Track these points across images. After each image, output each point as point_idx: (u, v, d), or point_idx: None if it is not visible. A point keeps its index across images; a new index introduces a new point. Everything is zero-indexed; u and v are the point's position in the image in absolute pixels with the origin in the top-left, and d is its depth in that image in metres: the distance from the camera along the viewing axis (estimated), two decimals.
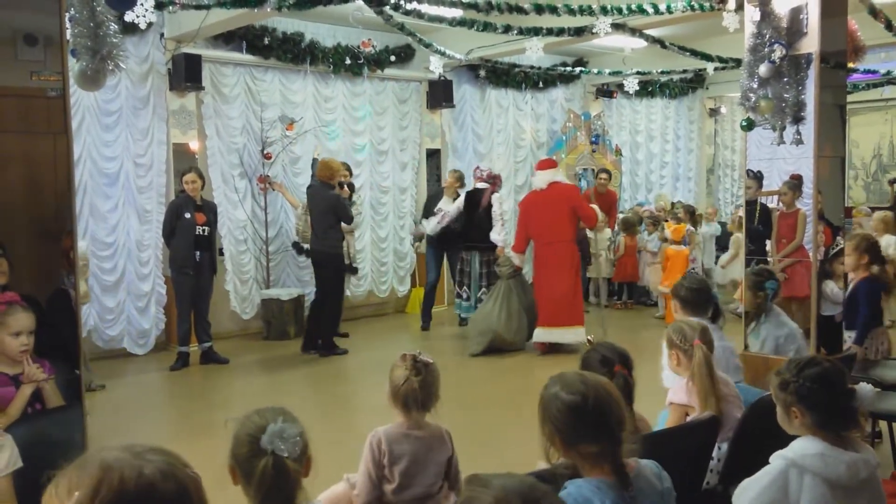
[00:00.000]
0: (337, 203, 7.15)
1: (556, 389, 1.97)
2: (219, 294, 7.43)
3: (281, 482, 1.82)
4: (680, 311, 3.74)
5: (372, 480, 2.62)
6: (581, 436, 1.92)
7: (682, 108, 12.75)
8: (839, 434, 2.22)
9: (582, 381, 1.97)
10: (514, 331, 7.17)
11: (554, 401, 1.96)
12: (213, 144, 7.75)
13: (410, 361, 2.67)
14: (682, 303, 3.72)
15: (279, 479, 1.81)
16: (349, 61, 8.50)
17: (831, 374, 2.25)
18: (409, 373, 2.65)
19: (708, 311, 3.74)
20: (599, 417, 1.92)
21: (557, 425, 1.94)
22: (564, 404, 1.93)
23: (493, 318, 7.10)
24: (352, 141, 8.84)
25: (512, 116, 10.46)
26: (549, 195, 7.13)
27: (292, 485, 1.84)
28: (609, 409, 1.93)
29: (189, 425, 5.36)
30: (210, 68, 7.65)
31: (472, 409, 5.48)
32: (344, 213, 7.24)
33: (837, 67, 4.35)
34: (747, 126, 4.33)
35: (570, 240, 7.14)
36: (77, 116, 6.75)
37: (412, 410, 2.67)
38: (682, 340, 3.02)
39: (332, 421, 5.50)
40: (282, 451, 1.81)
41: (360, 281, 8.89)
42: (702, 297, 3.70)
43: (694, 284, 3.74)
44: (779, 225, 4.74)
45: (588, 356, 2.72)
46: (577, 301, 7.21)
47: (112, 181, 7.16)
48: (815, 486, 2.14)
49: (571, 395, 1.94)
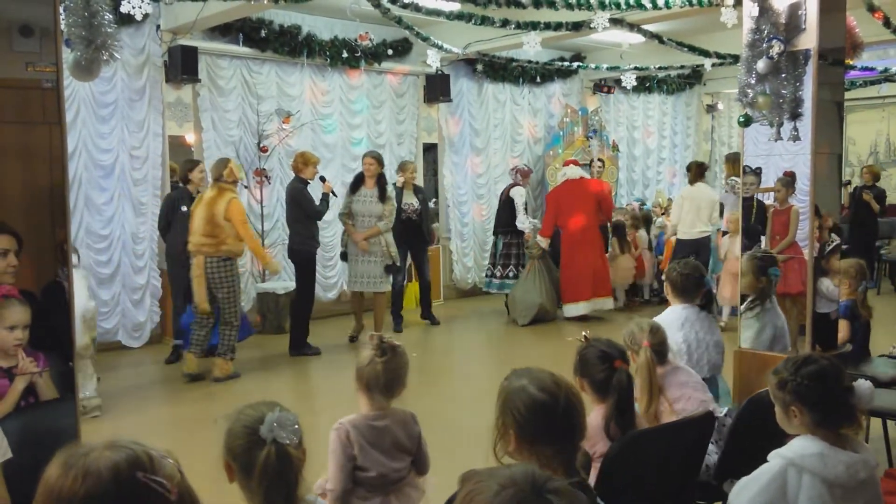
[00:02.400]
0: (299, 195, 6.87)
1: (524, 383, 1.94)
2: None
3: (284, 471, 1.79)
4: (671, 294, 3.77)
5: (345, 472, 2.54)
6: (542, 435, 1.89)
7: (679, 104, 12.75)
8: (839, 433, 2.21)
9: (555, 382, 1.94)
10: (552, 301, 8.44)
11: (520, 394, 1.92)
12: (209, 137, 7.73)
13: (376, 342, 2.60)
14: (672, 287, 3.76)
15: (283, 468, 1.78)
16: (346, 54, 8.48)
17: (829, 372, 2.24)
18: (374, 353, 2.58)
19: (697, 297, 3.76)
20: (567, 421, 1.89)
21: (518, 419, 1.90)
22: (532, 400, 1.90)
23: (536, 294, 8.31)
24: (349, 135, 8.82)
25: (509, 111, 10.45)
26: (580, 187, 8.43)
27: (295, 473, 1.81)
28: (576, 415, 1.91)
29: (183, 418, 5.35)
30: (206, 60, 7.62)
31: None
32: (308, 206, 6.87)
33: (835, 64, 4.35)
34: (745, 122, 4.32)
35: (597, 225, 8.41)
36: (72, 108, 6.73)
37: (374, 394, 2.59)
38: (633, 342, 3.08)
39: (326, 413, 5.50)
40: (283, 438, 1.78)
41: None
42: (691, 283, 3.72)
43: (686, 270, 3.75)
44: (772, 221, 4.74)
45: (586, 352, 2.71)
46: (606, 275, 8.45)
47: (107, 173, 7.14)
48: (813, 486, 2.13)
49: (542, 393, 1.90)
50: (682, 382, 3.09)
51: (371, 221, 7.12)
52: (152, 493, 1.19)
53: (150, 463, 1.21)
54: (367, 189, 7.16)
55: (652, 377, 3.00)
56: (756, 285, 4.29)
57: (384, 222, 7.14)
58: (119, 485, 1.18)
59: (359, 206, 7.17)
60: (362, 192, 7.17)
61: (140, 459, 1.21)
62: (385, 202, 7.15)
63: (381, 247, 7.13)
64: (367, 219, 7.13)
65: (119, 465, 1.19)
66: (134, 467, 1.20)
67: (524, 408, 1.89)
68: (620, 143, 11.54)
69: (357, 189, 7.21)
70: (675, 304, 3.75)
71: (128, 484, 1.18)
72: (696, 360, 3.56)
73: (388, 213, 7.16)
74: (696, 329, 3.63)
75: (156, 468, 1.21)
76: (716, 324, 3.76)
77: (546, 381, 1.93)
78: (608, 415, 2.58)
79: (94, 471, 1.18)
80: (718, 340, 3.70)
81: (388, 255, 7.16)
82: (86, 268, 6.51)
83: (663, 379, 3.07)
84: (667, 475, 2.76)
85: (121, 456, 1.20)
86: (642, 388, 2.96)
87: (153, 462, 1.22)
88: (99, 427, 5.04)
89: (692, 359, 3.55)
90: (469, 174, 10.04)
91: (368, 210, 7.14)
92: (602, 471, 2.44)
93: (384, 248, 7.14)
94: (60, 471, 1.20)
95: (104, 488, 1.17)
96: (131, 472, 1.19)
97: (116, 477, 1.18)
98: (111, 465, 1.19)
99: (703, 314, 3.71)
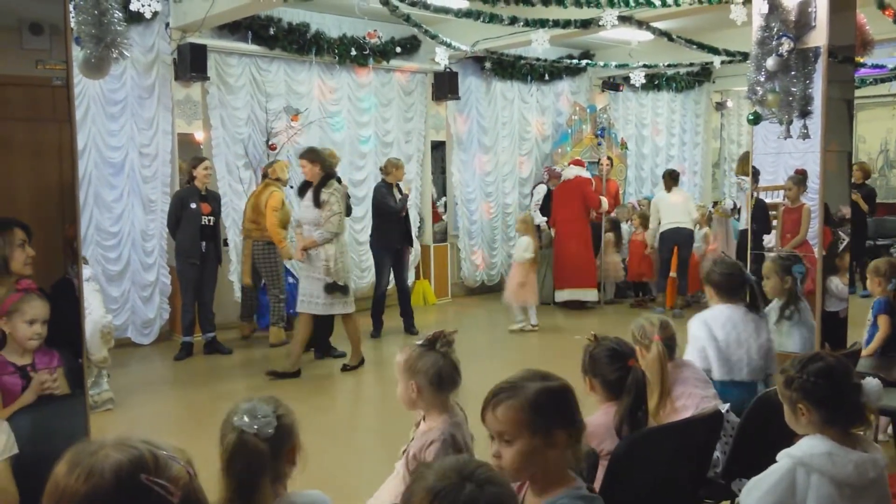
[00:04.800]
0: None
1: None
2: (223, 285, 7.44)
3: (242, 459, 1.79)
4: (715, 297, 3.60)
5: None
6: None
7: (688, 102, 12.70)
8: (847, 432, 2.20)
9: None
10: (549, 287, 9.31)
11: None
12: (217, 135, 7.75)
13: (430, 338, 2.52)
14: (716, 289, 3.58)
15: (240, 456, 1.79)
16: (355, 52, 8.49)
17: (836, 369, 2.22)
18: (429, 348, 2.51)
19: (742, 296, 3.60)
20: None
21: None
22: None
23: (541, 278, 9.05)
24: (357, 133, 8.82)
25: (517, 109, 10.43)
26: (572, 185, 9.13)
27: (257, 465, 1.80)
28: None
29: (192, 415, 5.38)
30: (215, 58, 7.64)
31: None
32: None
33: (845, 62, 4.33)
34: (754, 120, 4.31)
35: (583, 219, 9.03)
36: (82, 106, 6.76)
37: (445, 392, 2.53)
38: (643, 336, 3.04)
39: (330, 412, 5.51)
40: (248, 426, 1.80)
41: (363, 273, 8.88)
42: (735, 282, 3.57)
43: (727, 269, 3.59)
44: (783, 220, 4.71)
45: (596, 353, 2.66)
46: (592, 268, 9.06)
47: (117, 171, 7.17)
48: (821, 486, 2.12)
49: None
50: (685, 379, 3.07)
51: (311, 231, 6.15)
52: (153, 495, 1.19)
53: (154, 464, 1.21)
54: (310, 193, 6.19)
55: (664, 372, 2.98)
56: (782, 286, 4.16)
57: (319, 231, 6.06)
58: (120, 485, 1.17)
59: (302, 212, 6.29)
60: (307, 197, 6.20)
61: (144, 460, 1.21)
62: (322, 207, 6.05)
63: (321, 261, 6.07)
64: (308, 227, 6.18)
65: (122, 465, 1.19)
66: (137, 468, 1.19)
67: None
68: (629, 141, 11.50)
69: (304, 193, 6.27)
70: (719, 304, 3.58)
71: (129, 485, 1.18)
72: (736, 362, 3.43)
73: (326, 221, 6.04)
74: (739, 330, 3.46)
75: (161, 469, 1.21)
76: (766, 326, 3.58)
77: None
78: (622, 414, 2.57)
79: (97, 471, 1.18)
80: (764, 344, 3.49)
81: (328, 272, 6.06)
82: (96, 279, 6.48)
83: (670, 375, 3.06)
84: (675, 474, 2.76)
85: (125, 456, 1.20)
86: (654, 383, 2.93)
87: (158, 463, 1.21)
88: (112, 422, 5.07)
89: (730, 361, 3.42)
90: (477, 172, 10.03)
91: (307, 217, 6.19)
92: (609, 469, 2.44)
93: (324, 262, 6.06)
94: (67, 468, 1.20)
95: (105, 488, 1.17)
96: (134, 473, 1.19)
97: (118, 477, 1.18)
98: (115, 466, 1.19)
99: (751, 315, 3.54)
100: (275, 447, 1.84)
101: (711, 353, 3.44)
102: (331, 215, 6.05)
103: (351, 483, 3.99)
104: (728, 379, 3.41)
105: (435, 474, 1.39)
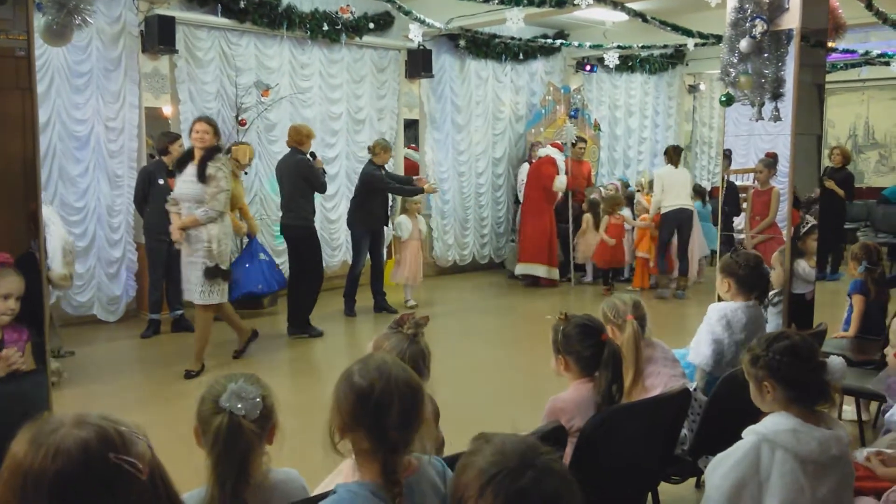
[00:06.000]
0: (307, 168, 6.67)
1: (354, 369, 1.75)
2: None
3: (234, 442, 1.79)
4: (734, 289, 3.57)
5: None
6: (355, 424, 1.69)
7: (661, 84, 12.74)
8: (812, 410, 2.23)
9: (378, 369, 1.72)
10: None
11: (344, 382, 1.74)
12: (186, 109, 7.60)
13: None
14: (739, 282, 3.55)
15: (232, 439, 1.78)
16: (327, 27, 8.36)
17: (801, 347, 2.26)
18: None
19: (758, 291, 3.62)
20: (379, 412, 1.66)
21: (339, 406, 1.72)
22: (350, 388, 1.71)
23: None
24: (328, 109, 8.72)
25: (491, 88, 10.38)
26: (536, 165, 9.41)
27: (247, 446, 1.81)
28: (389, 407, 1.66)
29: (158, 392, 5.31)
30: (184, 31, 7.48)
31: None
32: (315, 180, 6.72)
33: (817, 46, 4.35)
34: (726, 101, 4.32)
35: (541, 199, 9.22)
36: (46, 77, 6.59)
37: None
38: (616, 315, 3.06)
39: (301, 389, 5.48)
40: (238, 409, 1.80)
41: (334, 252, 8.83)
42: (756, 276, 3.58)
43: (751, 262, 3.58)
44: (753, 202, 4.76)
45: (567, 330, 2.68)
46: (546, 245, 9.20)
47: (82, 145, 7.01)
48: (785, 462, 2.15)
49: (361, 380, 1.70)
50: (654, 358, 3.10)
51: (192, 209, 5.46)
52: (123, 473, 1.17)
53: (120, 441, 1.19)
54: (193, 166, 5.48)
55: (639, 351, 2.99)
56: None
57: (203, 210, 5.39)
58: (89, 464, 1.16)
59: (181, 188, 5.53)
60: (188, 171, 5.51)
61: (111, 438, 1.19)
62: (207, 183, 5.39)
63: (203, 243, 5.44)
64: (188, 205, 5.48)
65: (90, 443, 1.17)
66: (105, 446, 1.18)
67: (343, 396, 1.72)
68: (602, 123, 11.52)
69: (184, 166, 5.57)
70: (737, 300, 3.54)
71: (99, 464, 1.16)
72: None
73: (211, 198, 5.39)
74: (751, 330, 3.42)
75: (127, 446, 1.20)
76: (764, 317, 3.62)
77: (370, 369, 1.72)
78: (603, 389, 2.58)
79: (64, 449, 1.16)
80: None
81: (210, 255, 5.44)
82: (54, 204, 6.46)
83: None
84: (643, 451, 2.78)
85: (91, 434, 1.18)
86: (629, 361, 2.95)
87: (124, 440, 1.20)
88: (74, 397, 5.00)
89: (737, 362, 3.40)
90: (450, 151, 9.99)
91: (187, 193, 5.47)
92: (578, 446, 2.45)
93: (206, 244, 5.43)
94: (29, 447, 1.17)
95: (75, 468, 1.15)
96: (102, 451, 1.17)
97: (87, 456, 1.16)
98: (81, 444, 1.16)
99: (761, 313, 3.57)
100: (260, 427, 1.85)
101: (727, 350, 3.43)
102: (218, 192, 5.41)
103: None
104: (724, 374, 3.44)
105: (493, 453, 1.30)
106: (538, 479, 1.24)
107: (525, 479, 1.24)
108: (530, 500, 1.24)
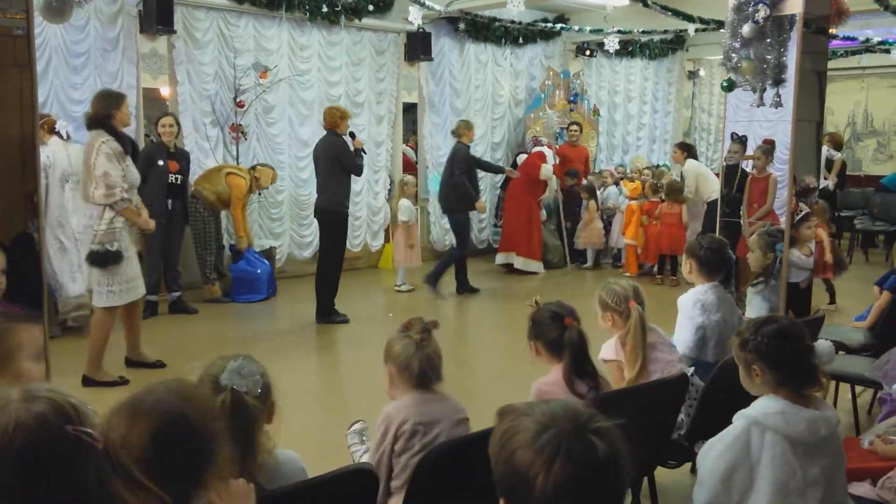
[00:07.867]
0: (339, 149, 6.44)
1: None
2: (189, 244, 7.32)
3: (239, 418, 1.80)
4: (696, 272, 3.60)
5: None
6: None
7: (661, 70, 12.69)
8: (800, 392, 2.25)
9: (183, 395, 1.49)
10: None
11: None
12: (184, 90, 7.57)
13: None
14: (700, 264, 3.57)
15: (237, 415, 1.80)
16: (326, 9, 8.31)
17: (789, 331, 2.28)
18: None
19: (722, 274, 3.64)
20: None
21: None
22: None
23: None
24: (327, 92, 8.68)
25: (491, 72, 10.34)
26: (528, 157, 9.36)
27: (251, 423, 1.83)
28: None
29: (153, 373, 5.32)
30: (182, 11, 7.43)
31: None
32: (348, 161, 6.44)
33: (819, 32, 4.34)
34: (728, 87, 4.31)
35: (524, 192, 9.18)
36: (44, 57, 6.54)
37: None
38: (617, 302, 3.04)
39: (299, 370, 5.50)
40: (240, 386, 1.82)
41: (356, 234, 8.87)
42: (719, 258, 3.60)
43: (714, 245, 3.61)
44: (750, 189, 4.75)
45: (538, 316, 2.74)
46: (523, 237, 9.19)
47: (80, 125, 6.93)
48: (775, 444, 2.17)
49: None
50: (653, 344, 3.10)
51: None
52: (82, 444, 1.18)
53: (75, 413, 1.20)
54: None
55: (644, 336, 2.97)
56: (763, 262, 4.21)
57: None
58: (49, 438, 1.17)
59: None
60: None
61: (65, 410, 1.20)
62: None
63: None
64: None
65: (47, 417, 1.17)
66: (61, 419, 1.18)
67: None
68: (601, 108, 11.48)
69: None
70: (701, 282, 3.57)
71: (58, 437, 1.17)
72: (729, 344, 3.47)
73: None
74: (723, 310, 3.48)
75: (82, 418, 1.21)
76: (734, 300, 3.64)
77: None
78: (567, 369, 2.60)
79: (22, 423, 1.16)
80: (737, 322, 3.49)
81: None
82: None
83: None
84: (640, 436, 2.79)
85: (47, 408, 1.18)
86: (633, 347, 2.95)
87: (78, 412, 1.21)
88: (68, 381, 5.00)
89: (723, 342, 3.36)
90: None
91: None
92: None
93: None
94: None
95: (35, 442, 1.16)
96: (60, 424, 1.18)
97: (46, 430, 1.17)
98: (39, 418, 1.17)
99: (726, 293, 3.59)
100: (261, 404, 1.88)
101: (710, 333, 3.44)
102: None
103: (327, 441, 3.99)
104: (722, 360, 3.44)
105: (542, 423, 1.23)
106: (599, 439, 1.22)
107: (587, 442, 1.22)
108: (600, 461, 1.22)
